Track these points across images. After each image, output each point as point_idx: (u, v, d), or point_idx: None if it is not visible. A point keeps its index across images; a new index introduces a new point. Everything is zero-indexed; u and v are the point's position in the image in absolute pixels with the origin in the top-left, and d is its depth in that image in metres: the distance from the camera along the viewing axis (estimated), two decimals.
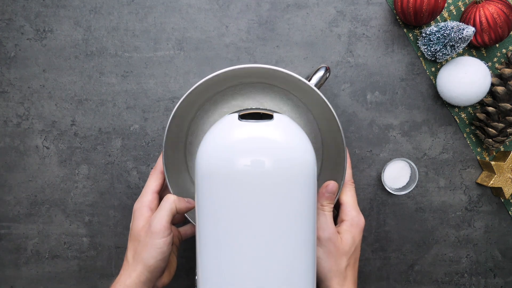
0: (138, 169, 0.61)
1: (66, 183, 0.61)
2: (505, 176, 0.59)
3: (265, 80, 0.52)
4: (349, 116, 0.61)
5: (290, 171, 0.39)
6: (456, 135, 0.61)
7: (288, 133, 0.40)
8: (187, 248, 0.62)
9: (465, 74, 0.56)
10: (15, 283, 0.62)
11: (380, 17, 0.60)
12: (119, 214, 0.61)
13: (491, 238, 0.63)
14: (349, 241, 0.42)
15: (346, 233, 0.43)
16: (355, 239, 0.43)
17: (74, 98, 0.60)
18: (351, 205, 0.44)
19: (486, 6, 0.55)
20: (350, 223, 0.43)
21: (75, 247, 0.61)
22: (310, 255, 0.40)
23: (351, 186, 0.45)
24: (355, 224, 0.43)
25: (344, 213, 0.44)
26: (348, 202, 0.44)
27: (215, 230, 0.39)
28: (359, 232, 0.43)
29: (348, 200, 0.44)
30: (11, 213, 0.61)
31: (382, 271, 0.63)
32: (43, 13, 0.59)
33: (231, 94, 0.53)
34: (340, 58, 0.60)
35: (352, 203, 0.44)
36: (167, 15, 0.59)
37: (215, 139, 0.40)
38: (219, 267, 0.39)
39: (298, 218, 0.40)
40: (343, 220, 0.44)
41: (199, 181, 0.40)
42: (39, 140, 0.60)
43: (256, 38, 0.60)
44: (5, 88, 0.60)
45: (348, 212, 0.43)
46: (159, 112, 0.60)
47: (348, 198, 0.44)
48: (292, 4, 0.59)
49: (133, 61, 0.60)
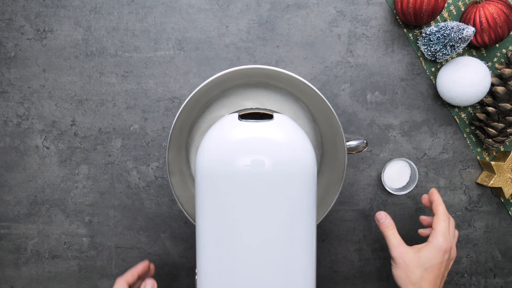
0: (138, 169, 0.61)
1: (66, 183, 0.61)
2: (505, 176, 0.59)
3: (265, 80, 0.52)
4: (349, 116, 0.61)
5: (290, 171, 0.39)
6: (456, 135, 0.61)
7: (288, 133, 0.40)
8: (187, 248, 0.62)
9: (465, 74, 0.56)
10: (15, 283, 0.62)
11: (380, 17, 0.60)
12: (119, 214, 0.61)
13: (491, 238, 0.63)
14: (423, 258, 0.49)
15: (424, 251, 0.49)
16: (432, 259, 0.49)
17: (74, 98, 0.60)
18: (439, 232, 0.50)
19: (486, 6, 0.55)
20: (432, 245, 0.49)
21: (75, 247, 0.61)
22: (310, 255, 0.40)
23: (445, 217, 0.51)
24: (437, 247, 0.49)
25: (432, 236, 0.50)
26: (438, 229, 0.50)
27: (215, 230, 0.39)
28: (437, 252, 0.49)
29: (439, 227, 0.50)
30: (11, 213, 0.61)
31: (382, 271, 0.63)
32: (43, 13, 0.59)
33: (231, 94, 0.53)
34: (340, 58, 0.60)
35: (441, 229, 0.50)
36: (167, 15, 0.59)
37: (215, 139, 0.40)
38: (219, 267, 0.39)
39: (298, 218, 0.40)
40: (428, 241, 0.50)
41: (199, 181, 0.40)
42: (39, 140, 0.60)
43: (256, 38, 0.60)
44: (5, 88, 0.60)
45: (435, 237, 0.50)
46: (159, 112, 0.60)
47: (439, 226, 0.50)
48: (292, 4, 0.59)
49: (133, 61, 0.60)
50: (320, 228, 0.62)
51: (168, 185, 0.61)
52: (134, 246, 0.62)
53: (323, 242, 0.62)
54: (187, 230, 0.62)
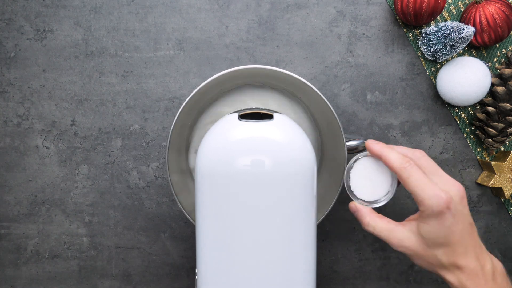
0: (138, 169, 0.61)
1: (66, 183, 0.61)
2: (505, 176, 0.59)
3: (265, 80, 0.52)
4: (349, 116, 0.61)
5: (290, 171, 0.39)
6: (456, 135, 0.61)
7: (288, 133, 0.40)
8: (187, 248, 0.62)
9: (465, 74, 0.56)
10: (15, 283, 0.62)
11: (380, 17, 0.60)
12: (119, 214, 0.61)
13: (491, 238, 0.63)
14: (428, 235, 0.38)
15: (424, 226, 0.38)
16: (438, 229, 0.37)
17: (74, 98, 0.60)
18: (420, 192, 0.38)
19: (486, 6, 0.55)
20: (425, 214, 0.38)
21: (75, 247, 0.61)
22: (310, 255, 0.40)
23: (407, 165, 0.38)
24: (433, 213, 0.37)
25: (418, 204, 0.38)
26: (415, 191, 0.38)
27: (215, 230, 0.39)
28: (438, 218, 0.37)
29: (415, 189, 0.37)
30: (11, 213, 0.61)
31: (382, 271, 0.63)
32: (43, 13, 0.59)
33: (231, 94, 0.53)
34: (340, 58, 0.60)
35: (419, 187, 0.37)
36: (167, 15, 0.59)
37: (215, 139, 0.40)
38: (219, 267, 0.39)
39: (298, 218, 0.40)
40: (420, 210, 0.39)
41: (199, 181, 0.40)
42: (39, 140, 0.60)
43: (256, 38, 0.60)
44: (5, 88, 0.60)
45: (421, 203, 0.38)
46: (159, 112, 0.60)
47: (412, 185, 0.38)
48: (292, 4, 0.59)
49: (133, 61, 0.60)
50: (320, 228, 0.62)
51: (168, 185, 0.61)
52: (134, 246, 0.62)
53: (323, 242, 0.62)
54: (187, 230, 0.62)
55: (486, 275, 0.39)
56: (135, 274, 0.62)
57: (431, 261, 0.40)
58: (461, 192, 0.39)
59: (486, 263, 0.39)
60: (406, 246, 0.40)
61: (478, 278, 0.38)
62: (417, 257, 0.40)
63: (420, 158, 0.41)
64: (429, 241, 0.39)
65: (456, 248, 0.38)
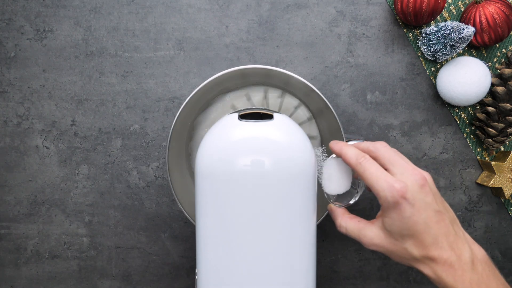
0: (138, 169, 0.61)
1: (66, 183, 0.61)
2: (505, 176, 0.59)
3: (265, 80, 0.52)
4: (349, 116, 0.61)
5: (290, 171, 0.39)
6: (456, 135, 0.61)
7: (288, 133, 0.40)
8: (187, 248, 0.62)
9: (465, 74, 0.56)
10: (15, 283, 0.62)
11: (380, 17, 0.60)
12: (119, 214, 0.61)
13: (491, 238, 0.63)
14: (391, 227, 0.37)
15: (386, 220, 0.38)
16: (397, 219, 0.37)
17: (74, 98, 0.60)
18: (375, 185, 0.37)
19: (486, 6, 0.55)
20: (384, 207, 0.37)
21: (75, 247, 0.61)
22: (310, 254, 0.40)
23: (362, 159, 0.38)
24: (387, 204, 0.36)
25: (378, 198, 0.37)
26: (372, 184, 0.36)
27: (215, 230, 0.39)
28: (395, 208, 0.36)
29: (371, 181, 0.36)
30: (11, 213, 0.61)
31: (382, 271, 0.63)
32: (43, 13, 0.59)
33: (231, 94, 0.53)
34: (340, 58, 0.60)
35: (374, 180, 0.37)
36: (167, 15, 0.59)
37: (215, 139, 0.40)
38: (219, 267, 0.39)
39: (298, 218, 0.40)
40: (381, 204, 0.38)
41: (199, 181, 0.40)
42: (39, 140, 0.60)
43: (256, 38, 0.60)
44: (5, 88, 0.60)
45: (378, 196, 0.37)
46: (159, 112, 0.60)
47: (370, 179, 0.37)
48: (292, 4, 0.59)
49: (133, 61, 0.60)
50: (320, 228, 0.62)
51: (168, 185, 0.61)
52: (134, 246, 0.62)
53: (323, 242, 0.62)
54: (187, 230, 0.62)
55: (463, 264, 0.37)
56: (135, 274, 0.62)
57: (403, 255, 0.38)
58: (420, 180, 0.37)
59: (463, 252, 0.37)
60: (376, 244, 0.39)
61: (453, 268, 0.37)
62: (390, 253, 0.39)
63: (379, 149, 0.40)
64: (395, 234, 0.38)
65: (424, 239, 0.37)
